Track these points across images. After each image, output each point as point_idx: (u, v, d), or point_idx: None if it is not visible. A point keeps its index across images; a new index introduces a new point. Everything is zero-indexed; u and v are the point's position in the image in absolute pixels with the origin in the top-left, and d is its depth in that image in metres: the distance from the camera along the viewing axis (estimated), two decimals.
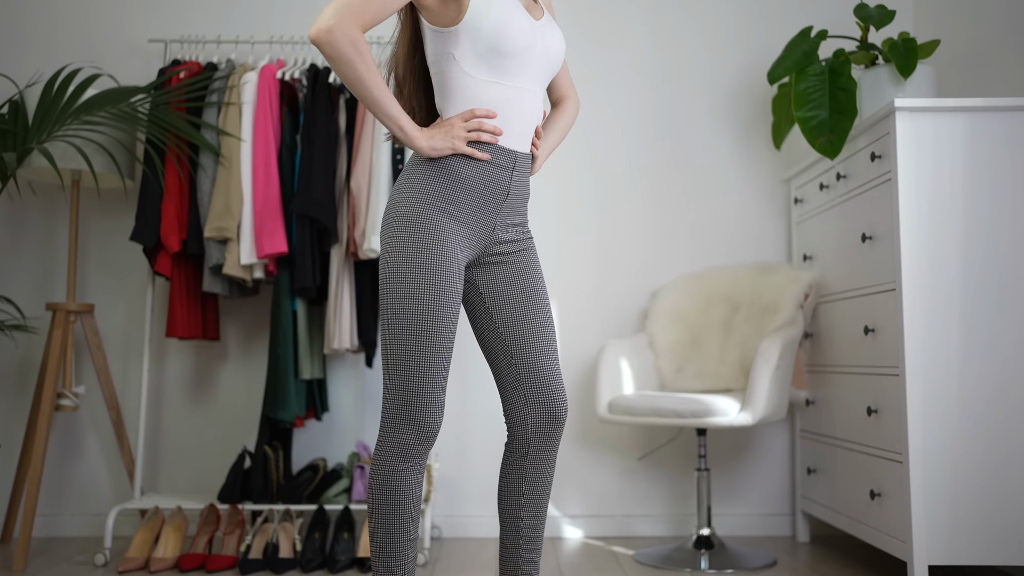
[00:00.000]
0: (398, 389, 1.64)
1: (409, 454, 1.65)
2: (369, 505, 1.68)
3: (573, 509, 3.20)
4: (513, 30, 1.67)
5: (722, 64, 3.35)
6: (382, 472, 1.66)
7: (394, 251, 1.65)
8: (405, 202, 1.67)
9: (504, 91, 1.71)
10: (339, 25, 1.54)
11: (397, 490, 1.65)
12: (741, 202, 3.31)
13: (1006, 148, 2.32)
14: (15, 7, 3.32)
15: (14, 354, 3.22)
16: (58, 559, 2.81)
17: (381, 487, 1.66)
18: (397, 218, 1.66)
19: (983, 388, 2.27)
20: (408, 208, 1.66)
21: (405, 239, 1.64)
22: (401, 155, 2.90)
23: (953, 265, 2.30)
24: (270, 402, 2.85)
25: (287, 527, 2.74)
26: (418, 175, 1.69)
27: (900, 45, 2.60)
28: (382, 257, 1.67)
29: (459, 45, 1.67)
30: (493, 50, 1.67)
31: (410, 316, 1.62)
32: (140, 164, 2.92)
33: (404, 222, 1.65)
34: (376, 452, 1.67)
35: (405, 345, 1.63)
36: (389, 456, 1.65)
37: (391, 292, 1.64)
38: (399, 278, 1.63)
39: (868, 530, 2.49)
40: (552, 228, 3.28)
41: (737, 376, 2.88)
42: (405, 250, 1.64)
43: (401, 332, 1.63)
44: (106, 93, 2.90)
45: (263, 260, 2.84)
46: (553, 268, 3.25)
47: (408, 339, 1.63)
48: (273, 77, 2.92)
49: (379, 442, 1.66)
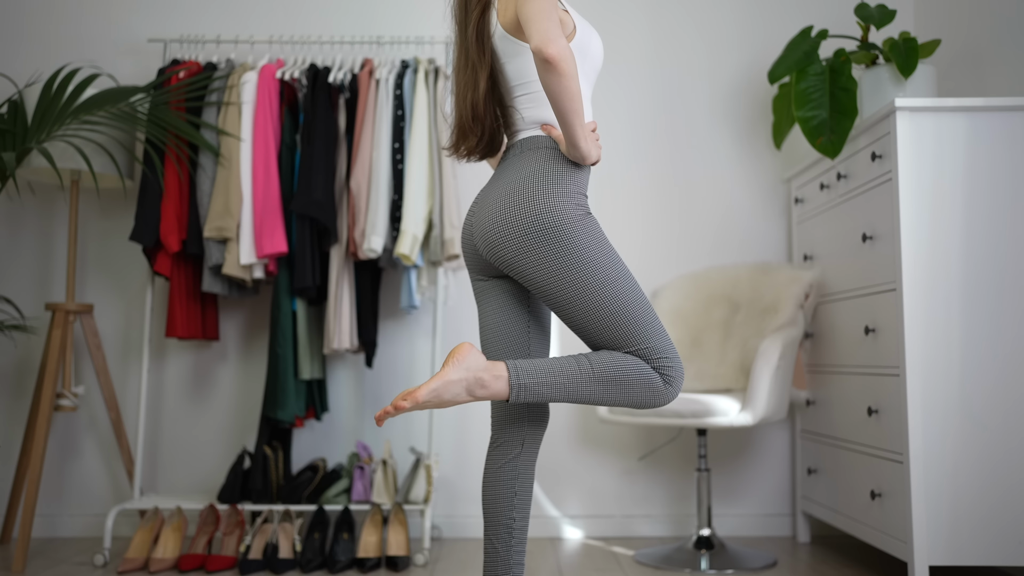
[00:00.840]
0: (658, 327, 1.78)
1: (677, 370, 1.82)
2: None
3: (573, 509, 3.20)
4: (600, 51, 1.91)
5: (722, 64, 3.35)
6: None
7: (589, 235, 1.76)
8: (574, 196, 1.80)
9: (589, 104, 1.93)
10: (564, 43, 1.65)
11: None
12: (741, 202, 3.30)
13: (1007, 148, 2.32)
14: (14, 6, 3.32)
15: (13, 354, 3.22)
16: (57, 559, 2.81)
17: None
18: (578, 206, 1.78)
19: (984, 388, 2.27)
20: (578, 201, 1.79)
21: (591, 225, 1.78)
22: (401, 155, 2.90)
23: (954, 265, 2.30)
24: (270, 402, 2.85)
25: (287, 527, 2.74)
26: (568, 174, 1.81)
27: (901, 45, 2.60)
28: (575, 239, 1.74)
29: None
30: (595, 68, 1.90)
31: (630, 276, 1.79)
32: (140, 164, 2.91)
33: (583, 210, 1.79)
34: (678, 371, 1.77)
35: (642, 297, 1.78)
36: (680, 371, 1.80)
37: (612, 262, 1.76)
38: (609, 253, 1.77)
39: (868, 530, 2.49)
40: None
41: (737, 376, 2.88)
42: (597, 234, 1.78)
43: (635, 288, 1.78)
44: (105, 93, 2.89)
45: (262, 260, 2.84)
46: None
47: (640, 293, 1.78)
48: (273, 77, 2.92)
49: (676, 364, 1.77)
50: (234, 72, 2.96)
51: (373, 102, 2.91)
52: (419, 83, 2.91)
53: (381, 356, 3.21)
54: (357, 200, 2.86)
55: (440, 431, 3.19)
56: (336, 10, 3.34)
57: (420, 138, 2.87)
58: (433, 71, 2.97)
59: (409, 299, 2.94)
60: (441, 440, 3.20)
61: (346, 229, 2.90)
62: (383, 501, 2.83)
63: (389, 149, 2.89)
